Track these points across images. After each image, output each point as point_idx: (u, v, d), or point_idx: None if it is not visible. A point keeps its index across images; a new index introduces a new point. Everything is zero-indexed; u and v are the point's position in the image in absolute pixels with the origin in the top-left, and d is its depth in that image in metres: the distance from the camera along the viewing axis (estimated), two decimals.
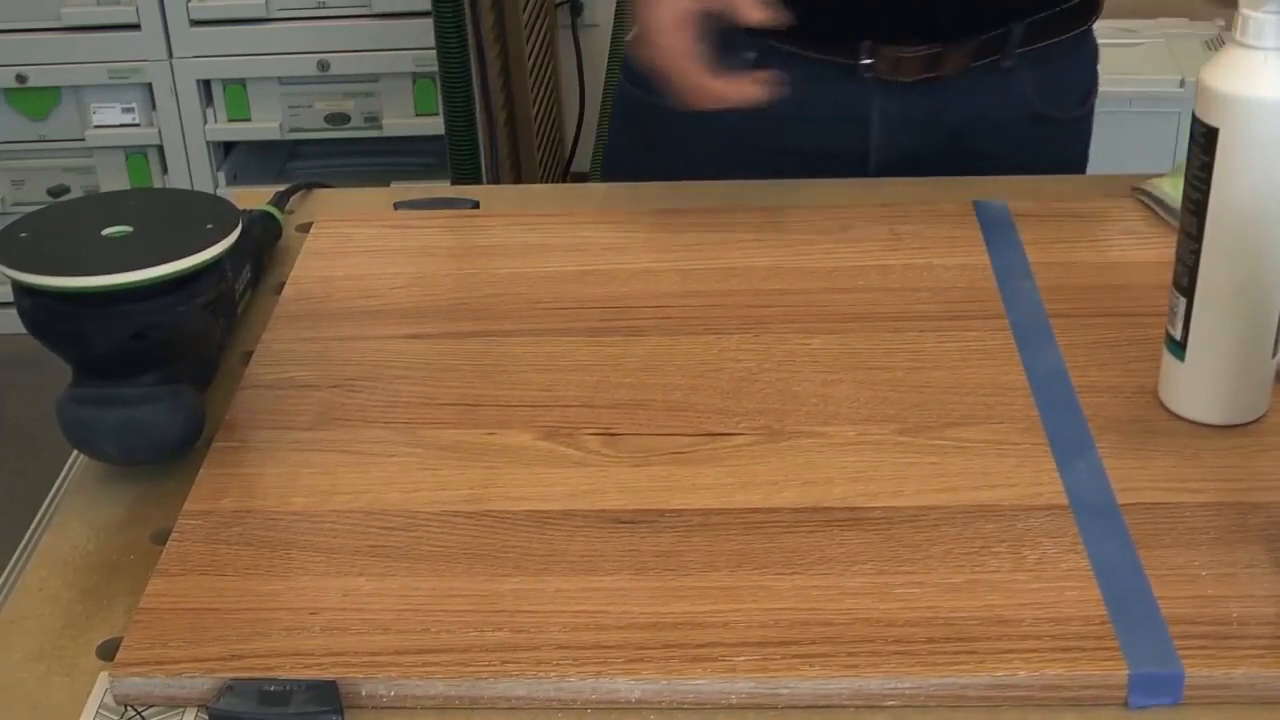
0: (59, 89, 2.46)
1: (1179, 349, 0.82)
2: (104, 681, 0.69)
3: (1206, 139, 0.77)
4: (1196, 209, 0.79)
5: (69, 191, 2.52)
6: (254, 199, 1.05)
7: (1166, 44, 2.25)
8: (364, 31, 2.37)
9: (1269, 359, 0.82)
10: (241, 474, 0.81)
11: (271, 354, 0.91)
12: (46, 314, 0.79)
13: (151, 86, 2.43)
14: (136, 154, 2.49)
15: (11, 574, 0.78)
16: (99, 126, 2.48)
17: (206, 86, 2.43)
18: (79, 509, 0.80)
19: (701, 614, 0.70)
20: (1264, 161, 0.77)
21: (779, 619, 0.69)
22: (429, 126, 2.38)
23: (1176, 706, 0.66)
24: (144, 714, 0.68)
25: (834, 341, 0.90)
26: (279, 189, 1.09)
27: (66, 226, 0.83)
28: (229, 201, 0.85)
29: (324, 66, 2.38)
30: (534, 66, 2.40)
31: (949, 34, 1.13)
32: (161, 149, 2.48)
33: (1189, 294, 0.81)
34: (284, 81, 2.42)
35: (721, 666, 0.67)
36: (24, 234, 0.81)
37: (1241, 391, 0.82)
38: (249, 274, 0.97)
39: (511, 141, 2.31)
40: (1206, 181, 0.78)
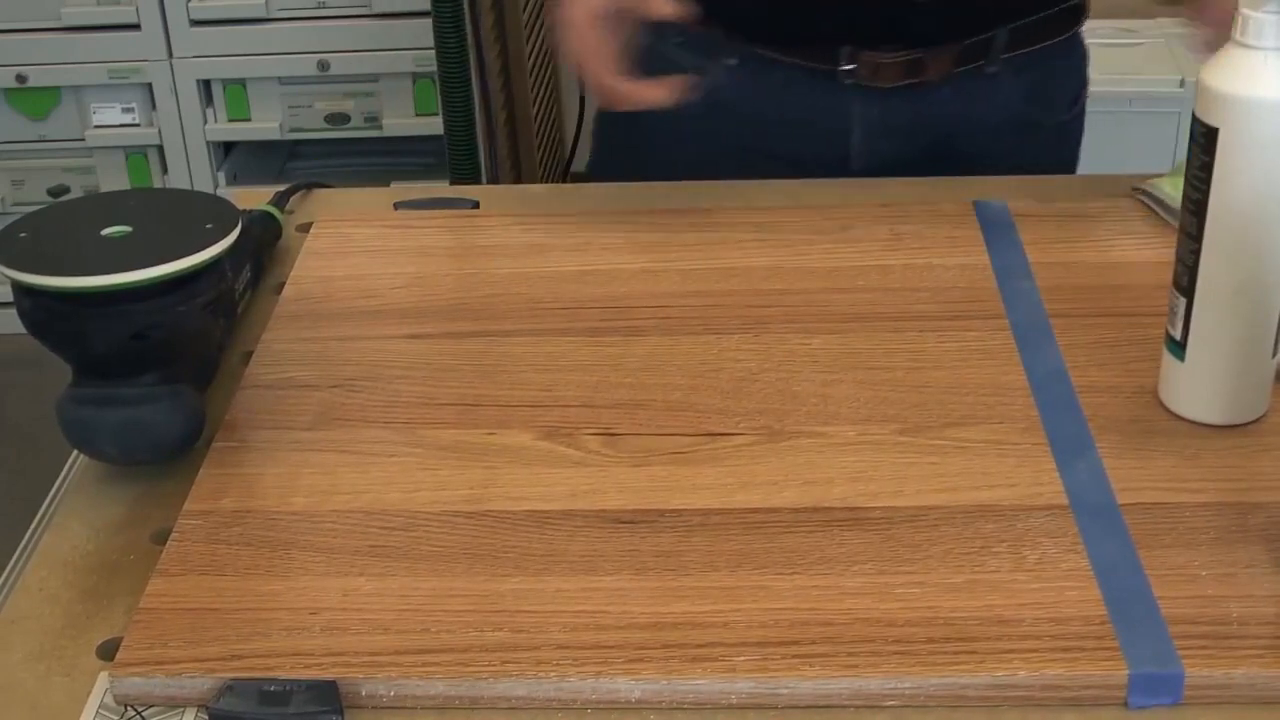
0: (59, 89, 2.46)
1: (1179, 349, 0.82)
2: (104, 681, 0.69)
3: (1206, 139, 0.77)
4: (1196, 209, 0.79)
5: (69, 191, 2.52)
6: (254, 199, 1.05)
7: (1166, 44, 2.24)
8: (364, 31, 2.37)
9: (1269, 359, 0.82)
10: (241, 474, 0.81)
11: (271, 354, 0.91)
12: (46, 314, 0.79)
13: (151, 86, 2.43)
14: (136, 154, 2.49)
15: (11, 574, 0.78)
16: (99, 126, 2.48)
17: (206, 86, 2.43)
18: (79, 509, 0.80)
19: (701, 614, 0.70)
20: (1264, 161, 0.77)
21: (779, 619, 0.69)
22: (429, 126, 2.38)
23: (1176, 706, 0.66)
24: (144, 714, 0.68)
25: (834, 341, 0.90)
26: (279, 189, 1.09)
27: (66, 226, 0.83)
28: (229, 201, 0.85)
29: (324, 66, 2.38)
30: (534, 66, 2.40)
31: (930, 39, 1.12)
32: (161, 149, 2.48)
33: (1189, 294, 0.81)
34: (284, 81, 2.42)
35: (721, 666, 0.67)
36: (24, 234, 0.81)
37: (1241, 391, 0.82)
38: (249, 274, 0.97)
39: (511, 141, 2.31)
40: (1206, 181, 0.78)
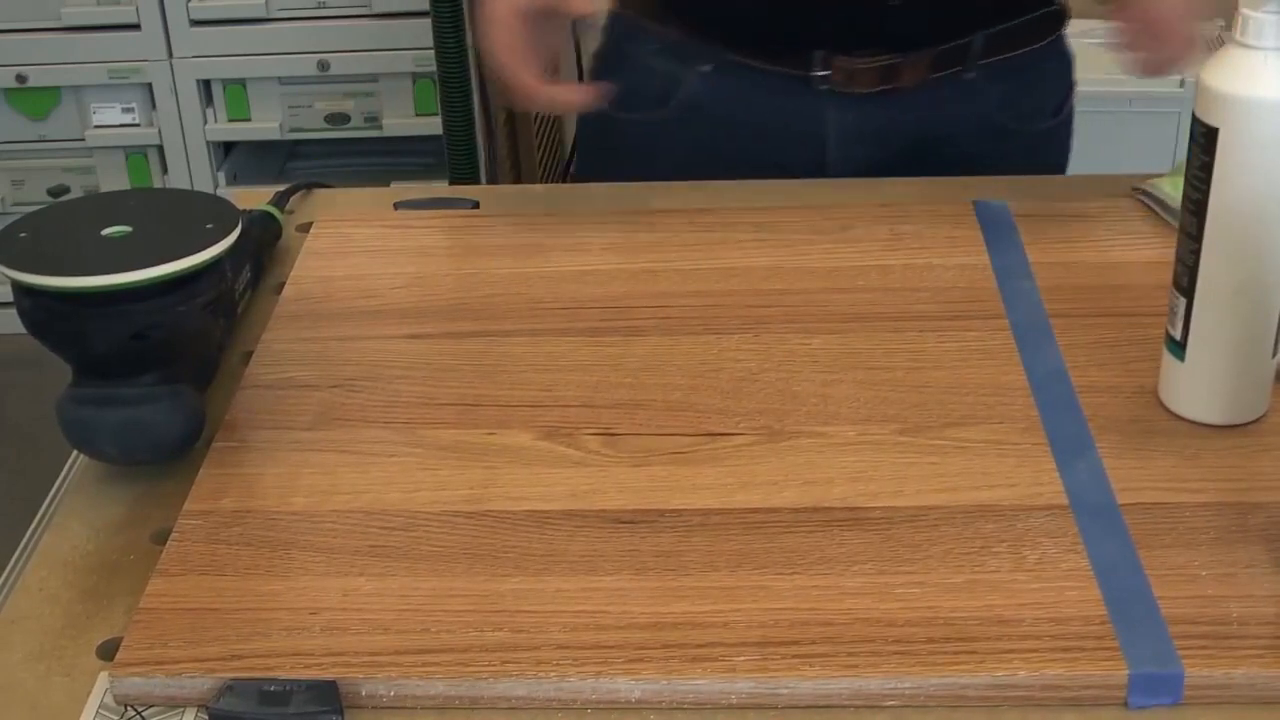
0: (59, 89, 2.45)
1: (1179, 349, 0.82)
2: (104, 681, 0.69)
3: (1206, 139, 0.77)
4: (1196, 209, 0.79)
5: (69, 191, 2.52)
6: (254, 199, 1.05)
7: None
8: (364, 31, 2.37)
9: (1269, 359, 0.82)
10: (241, 474, 0.81)
11: (271, 354, 0.91)
12: (46, 314, 0.79)
13: (151, 86, 2.43)
14: (136, 154, 2.49)
15: (11, 574, 0.78)
16: (99, 126, 2.47)
17: (206, 86, 2.43)
18: (79, 509, 0.80)
19: (701, 614, 0.70)
20: (1264, 161, 0.77)
21: (779, 619, 0.69)
22: (429, 126, 2.38)
23: (1176, 706, 0.66)
24: (144, 714, 0.68)
25: (834, 341, 0.90)
26: (279, 189, 1.09)
27: (66, 226, 0.83)
28: (229, 201, 0.85)
29: (324, 66, 2.38)
30: None
31: (905, 44, 1.11)
32: (161, 149, 2.48)
33: (1189, 294, 0.81)
34: (284, 81, 2.42)
35: (721, 666, 0.67)
36: (24, 234, 0.81)
37: (1241, 391, 0.82)
38: (249, 274, 0.97)
39: (511, 141, 2.31)
40: (1206, 181, 0.78)
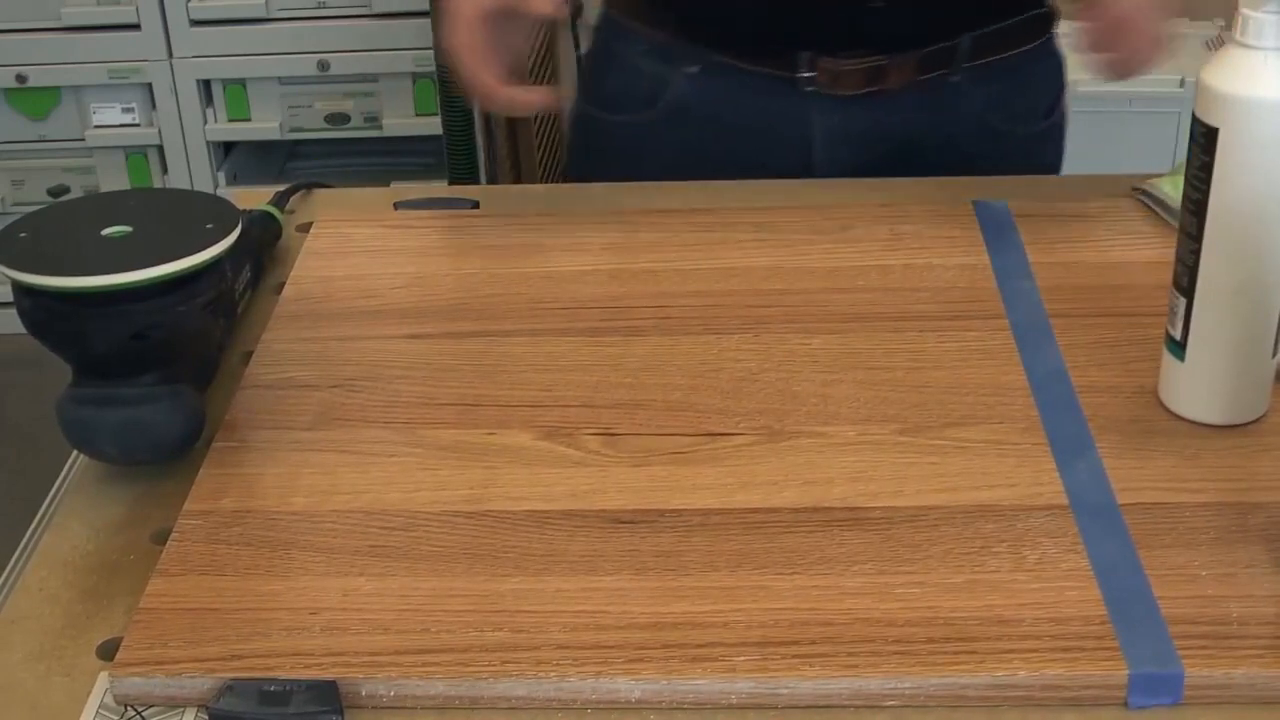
0: (59, 89, 2.46)
1: (1179, 349, 0.82)
2: (104, 681, 0.69)
3: (1206, 139, 0.77)
4: (1196, 209, 0.79)
5: (69, 191, 2.52)
6: (254, 199, 1.05)
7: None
8: (364, 31, 2.37)
9: (1269, 359, 0.82)
10: (241, 474, 0.81)
11: (271, 354, 0.91)
12: (46, 314, 0.79)
13: (151, 86, 2.43)
14: (136, 154, 2.49)
15: (11, 574, 0.78)
16: (99, 126, 2.48)
17: (206, 86, 2.43)
18: (79, 509, 0.80)
19: (701, 614, 0.70)
20: (1264, 161, 0.77)
21: (779, 619, 0.69)
22: (429, 126, 2.38)
23: (1176, 706, 0.66)
24: (144, 714, 0.68)
25: (834, 341, 0.90)
26: (279, 189, 1.09)
27: (66, 226, 0.83)
28: (229, 201, 0.85)
29: (324, 66, 2.38)
30: (534, 66, 2.40)
31: (890, 46, 1.11)
32: (161, 149, 2.48)
33: (1189, 294, 0.81)
34: (284, 81, 2.42)
35: (721, 666, 0.67)
36: (24, 234, 0.81)
37: (1241, 391, 0.82)
38: (249, 274, 0.97)
39: (511, 141, 2.31)
40: (1206, 181, 0.78)
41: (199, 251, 0.79)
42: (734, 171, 1.12)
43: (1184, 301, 0.81)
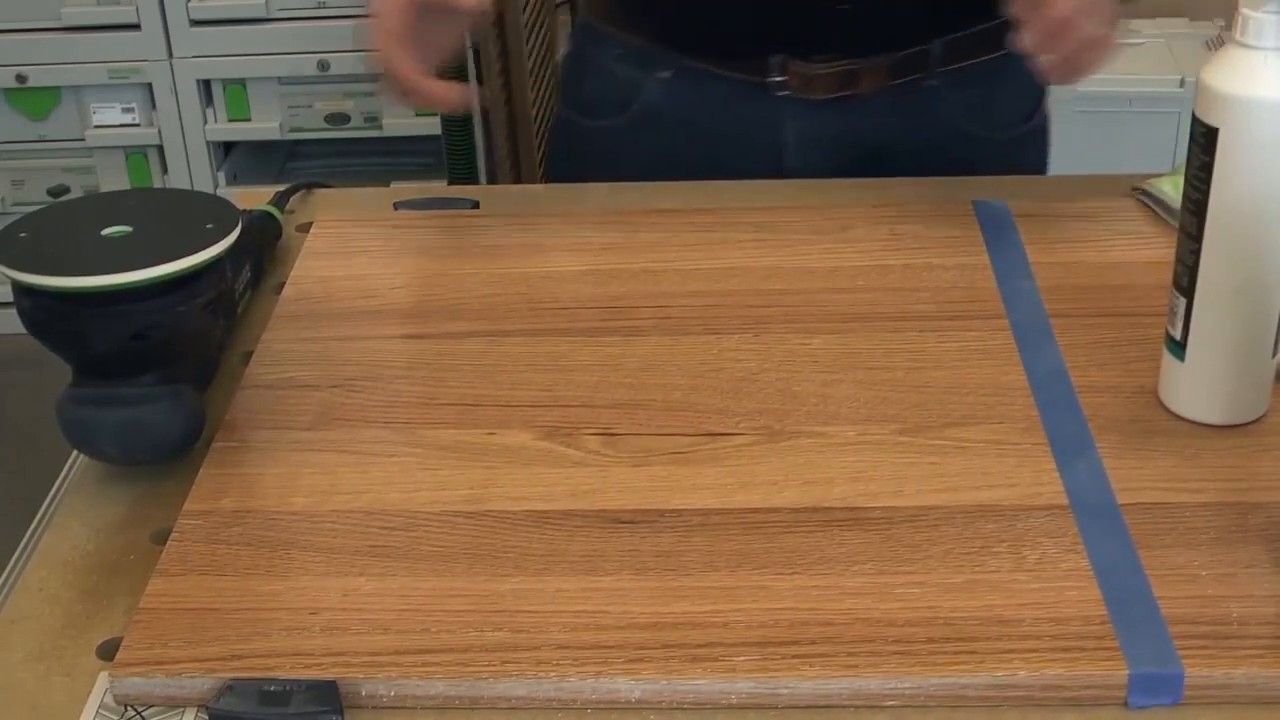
0: (59, 89, 2.46)
1: (1179, 349, 0.82)
2: (104, 681, 0.69)
3: (1206, 139, 0.77)
4: (1196, 209, 0.79)
5: (69, 191, 2.52)
6: (254, 199, 1.05)
7: (1166, 44, 2.25)
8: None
9: (1269, 359, 0.82)
10: (241, 474, 0.81)
11: (271, 354, 0.91)
12: (46, 314, 0.79)
13: (151, 86, 2.43)
14: (136, 154, 2.49)
15: (11, 574, 0.78)
16: (99, 126, 2.48)
17: (206, 86, 2.43)
18: (79, 509, 0.80)
19: (701, 614, 0.70)
20: (1264, 161, 0.77)
21: (779, 619, 0.69)
22: (428, 126, 2.38)
23: (1176, 706, 0.66)
24: (144, 714, 0.68)
25: (834, 341, 0.90)
26: (279, 189, 1.09)
27: (66, 226, 0.83)
28: (229, 201, 0.85)
29: (324, 66, 2.38)
30: (534, 66, 2.40)
31: (861, 50, 1.10)
32: (161, 149, 2.48)
33: (1189, 294, 0.81)
34: (284, 81, 2.42)
35: (721, 666, 0.67)
36: (24, 234, 0.81)
37: (1241, 391, 0.82)
38: (249, 274, 0.97)
39: (511, 142, 2.30)
40: (1206, 181, 0.78)
41: (199, 251, 0.79)
42: (707, 176, 1.12)
43: (1184, 301, 0.81)
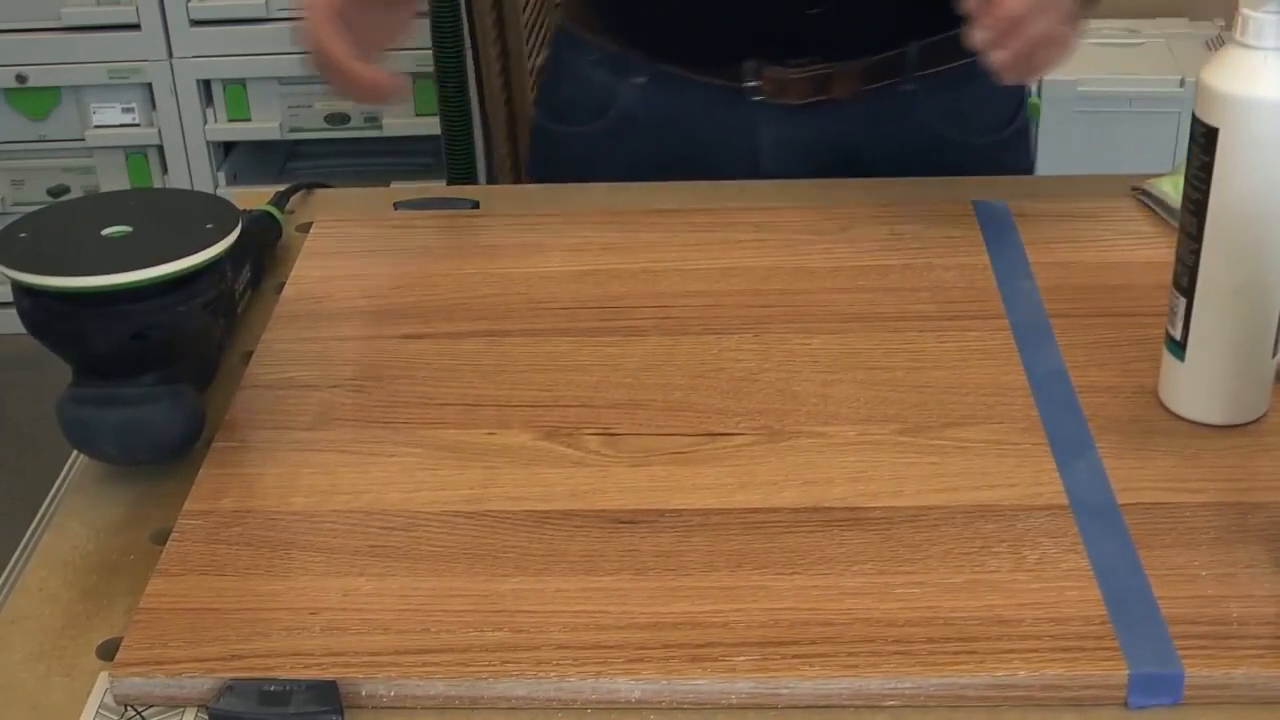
0: (59, 89, 2.46)
1: (1179, 349, 0.82)
2: (104, 681, 0.69)
3: (1206, 139, 0.77)
4: (1196, 209, 0.79)
5: (69, 191, 2.52)
6: (254, 199, 1.05)
7: (1166, 44, 2.25)
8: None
9: (1269, 359, 0.82)
10: (241, 474, 0.81)
11: (271, 354, 0.91)
12: (46, 314, 0.79)
13: (151, 86, 2.43)
14: (136, 154, 2.49)
15: (11, 574, 0.78)
16: (99, 126, 2.48)
17: (206, 86, 2.43)
18: (79, 509, 0.80)
19: (701, 614, 0.70)
20: (1264, 161, 0.77)
21: (779, 619, 0.69)
22: (429, 126, 2.38)
23: (1176, 706, 0.66)
24: (144, 714, 0.68)
25: (834, 341, 0.90)
26: (279, 189, 1.09)
27: (66, 226, 0.83)
28: (229, 201, 0.85)
29: None
30: (534, 66, 2.40)
31: (836, 54, 1.10)
32: (161, 149, 2.48)
33: (1189, 294, 0.81)
34: (284, 81, 2.42)
35: (721, 666, 0.67)
36: (24, 234, 0.81)
37: (1241, 391, 0.82)
38: (249, 274, 0.97)
39: (511, 142, 2.31)
40: (1206, 181, 0.78)
41: (199, 251, 0.79)
42: (692, 179, 1.11)
43: (1184, 301, 0.81)
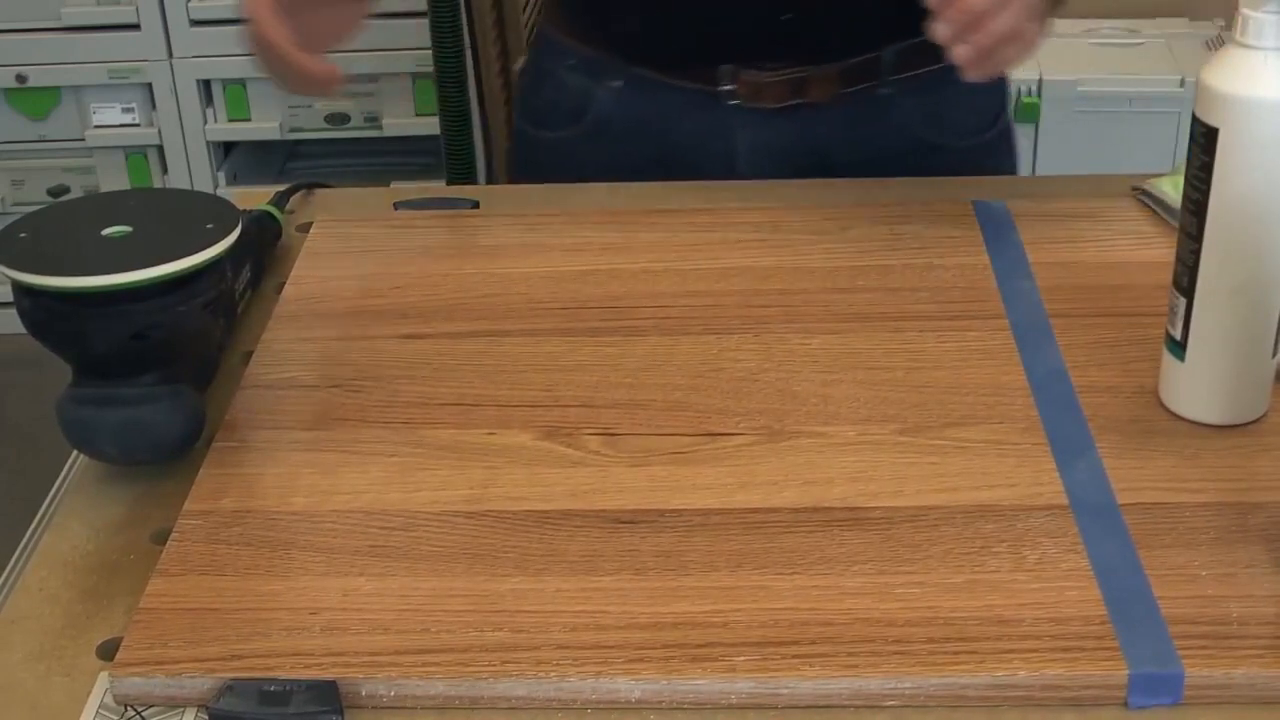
0: (59, 89, 2.46)
1: (1179, 349, 0.82)
2: (104, 681, 0.69)
3: (1206, 139, 0.77)
4: (1196, 209, 0.79)
5: (69, 191, 2.52)
6: (254, 199, 1.05)
7: (1166, 44, 2.25)
8: (364, 31, 2.36)
9: (1269, 359, 0.82)
10: (241, 474, 0.81)
11: (271, 354, 0.91)
12: (46, 314, 0.79)
13: (151, 86, 2.43)
14: (136, 154, 2.49)
15: (11, 574, 0.78)
16: (99, 126, 2.48)
17: (206, 86, 2.43)
18: (79, 509, 0.80)
19: (701, 614, 0.70)
20: (1264, 161, 0.77)
21: (779, 619, 0.69)
22: (429, 126, 2.37)
23: (1176, 706, 0.66)
24: (144, 714, 0.68)
25: (834, 341, 0.90)
26: (279, 189, 1.09)
27: (66, 226, 0.83)
28: (229, 201, 0.85)
29: None
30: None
31: (811, 58, 1.10)
32: (161, 149, 2.48)
33: (1189, 294, 0.81)
34: None
35: (721, 666, 0.67)
36: (24, 234, 0.81)
37: (1241, 391, 0.82)
38: (249, 274, 0.97)
39: (511, 141, 2.31)
40: (1206, 181, 0.78)
41: (199, 251, 0.79)
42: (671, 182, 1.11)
43: (1184, 301, 0.81)
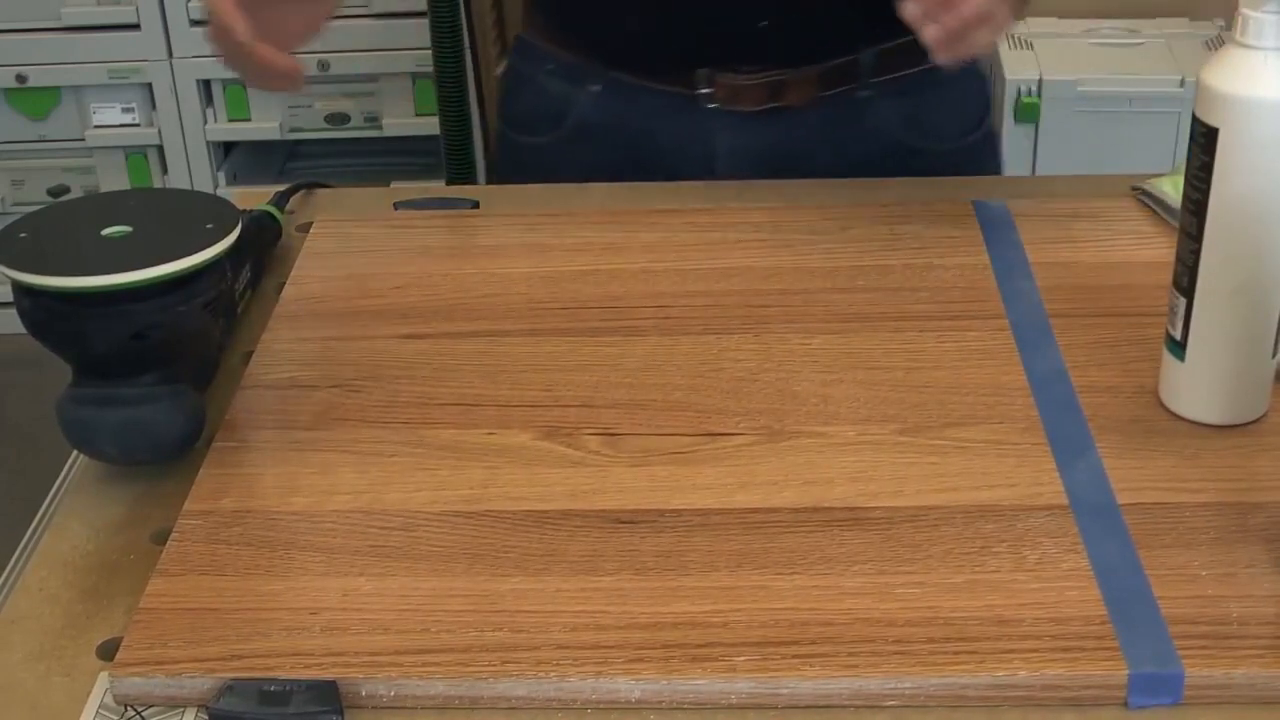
0: (59, 89, 2.45)
1: (1179, 349, 0.82)
2: (104, 681, 0.69)
3: (1206, 139, 0.77)
4: (1196, 209, 0.79)
5: (69, 191, 2.52)
6: (254, 199, 1.05)
7: (1166, 44, 2.25)
8: (364, 31, 2.37)
9: (1269, 359, 0.82)
10: (241, 474, 0.81)
11: (271, 354, 0.91)
12: (46, 314, 0.79)
13: (151, 86, 2.43)
14: (136, 154, 2.49)
15: (11, 574, 0.78)
16: (99, 126, 2.47)
17: (206, 86, 2.43)
18: (79, 509, 0.80)
19: (701, 614, 0.70)
20: (1264, 161, 0.77)
21: (779, 619, 0.69)
22: (429, 126, 2.38)
23: (1176, 706, 0.66)
24: (144, 714, 0.68)
25: (834, 341, 0.90)
26: (279, 189, 1.09)
27: (66, 226, 0.83)
28: (229, 201, 0.85)
29: (324, 66, 2.38)
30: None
31: (788, 61, 1.09)
32: (161, 149, 2.48)
33: (1189, 294, 0.81)
34: None
35: (721, 666, 0.67)
36: (24, 234, 0.81)
37: (1241, 391, 0.82)
38: (249, 274, 0.97)
39: None
40: (1206, 181, 0.78)
41: (199, 251, 0.79)
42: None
43: (1184, 301, 0.81)
